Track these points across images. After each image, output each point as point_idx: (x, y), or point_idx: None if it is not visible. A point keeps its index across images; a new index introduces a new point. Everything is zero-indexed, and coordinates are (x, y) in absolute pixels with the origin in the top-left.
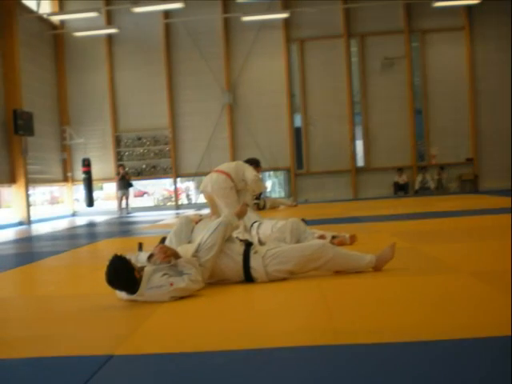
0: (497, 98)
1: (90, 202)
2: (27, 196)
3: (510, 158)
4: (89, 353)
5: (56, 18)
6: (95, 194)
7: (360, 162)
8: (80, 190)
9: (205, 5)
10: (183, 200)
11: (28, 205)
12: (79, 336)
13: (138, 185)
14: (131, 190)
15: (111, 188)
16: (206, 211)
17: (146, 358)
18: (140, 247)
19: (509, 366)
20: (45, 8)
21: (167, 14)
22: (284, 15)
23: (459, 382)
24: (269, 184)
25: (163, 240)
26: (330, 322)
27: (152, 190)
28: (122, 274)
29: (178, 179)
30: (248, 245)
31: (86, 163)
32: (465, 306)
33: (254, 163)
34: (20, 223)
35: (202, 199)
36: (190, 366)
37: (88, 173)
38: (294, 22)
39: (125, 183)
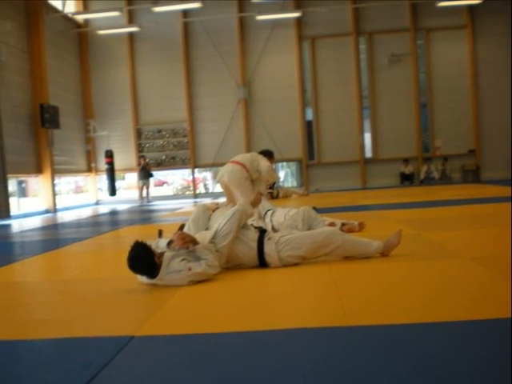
0: (497, 92)
1: (113, 191)
2: (53, 185)
3: (510, 149)
4: (111, 334)
5: (80, 17)
6: (117, 184)
7: (368, 153)
8: (103, 180)
9: (221, 4)
10: (201, 189)
11: (54, 194)
12: (102, 318)
13: (158, 175)
14: (152, 179)
15: (133, 178)
16: (222, 200)
17: (166, 339)
18: (160, 234)
19: (508, 347)
20: (70, 8)
21: (186, 13)
22: (296, 14)
23: (462, 360)
24: (282, 174)
25: (182, 227)
26: (340, 305)
27: (171, 180)
28: (143, 260)
29: (196, 169)
30: (262, 232)
31: (109, 154)
32: (467, 290)
33: (268, 154)
34: (46, 211)
35: (218, 188)
36: (207, 346)
37: (111, 164)
38: (305, 21)
39: (145, 173)
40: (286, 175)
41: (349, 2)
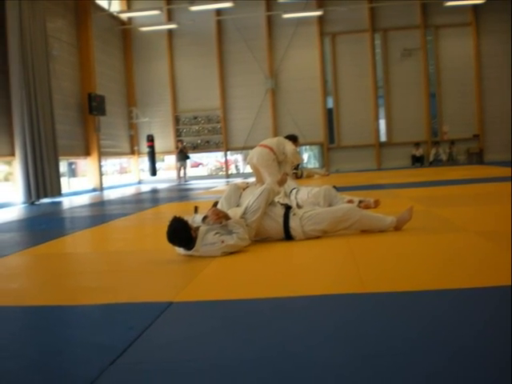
0: (499, 83)
1: (153, 171)
2: (100, 167)
3: (510, 134)
4: (152, 300)
5: (124, 16)
6: (158, 165)
7: (383, 138)
8: (145, 162)
9: (251, 4)
10: (232, 170)
11: (100, 174)
12: (144, 285)
13: (194, 157)
14: (188, 161)
15: (171, 160)
16: (251, 179)
17: (201, 304)
18: (196, 210)
19: (509, 312)
20: (115, 7)
21: (219, 12)
22: (318, 13)
23: (466, 324)
24: (305, 156)
25: (215, 204)
26: (357, 274)
27: (206, 162)
28: (181, 233)
29: (228, 152)
30: (288, 208)
31: (150, 139)
32: (471, 260)
33: (293, 139)
34: (94, 190)
35: (248, 169)
36: (238, 311)
37: (151, 147)
38: (326, 19)
39: (183, 156)
40: (309, 157)
41: (365, 1)
